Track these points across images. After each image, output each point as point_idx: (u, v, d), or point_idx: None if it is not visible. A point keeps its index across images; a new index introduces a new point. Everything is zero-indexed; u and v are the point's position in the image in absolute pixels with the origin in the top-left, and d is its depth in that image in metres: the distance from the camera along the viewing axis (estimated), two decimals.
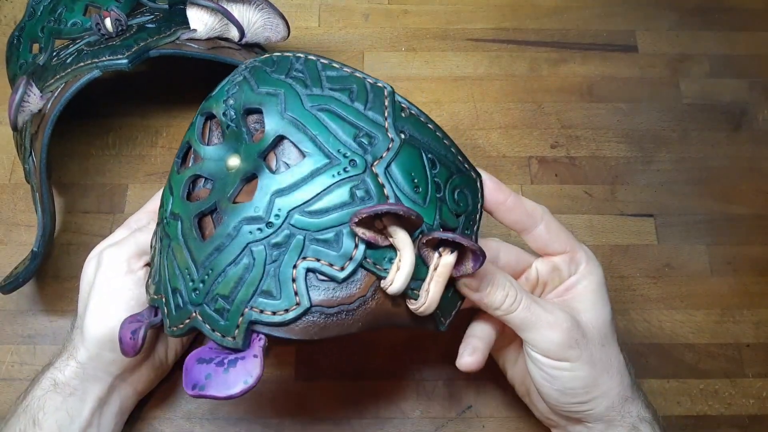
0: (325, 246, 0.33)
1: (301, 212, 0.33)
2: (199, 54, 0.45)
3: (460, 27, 0.60)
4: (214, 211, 0.35)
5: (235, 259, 0.33)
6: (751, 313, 0.50)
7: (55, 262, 0.50)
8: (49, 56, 0.48)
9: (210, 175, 0.36)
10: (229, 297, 0.33)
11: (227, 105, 0.36)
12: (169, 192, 0.37)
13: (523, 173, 0.54)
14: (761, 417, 0.47)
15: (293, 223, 0.33)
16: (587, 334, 0.38)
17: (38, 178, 0.43)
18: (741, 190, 0.54)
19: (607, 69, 0.58)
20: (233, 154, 0.36)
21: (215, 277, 0.33)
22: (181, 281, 0.34)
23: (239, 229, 0.33)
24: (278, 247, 0.33)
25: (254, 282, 0.33)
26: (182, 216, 0.36)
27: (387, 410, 0.47)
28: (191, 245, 0.34)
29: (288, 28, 0.50)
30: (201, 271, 0.34)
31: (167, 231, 0.36)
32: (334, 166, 0.34)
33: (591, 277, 0.39)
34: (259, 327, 0.33)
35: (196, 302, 0.34)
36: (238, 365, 0.32)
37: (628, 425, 0.38)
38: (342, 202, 0.33)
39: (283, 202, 0.33)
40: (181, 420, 0.46)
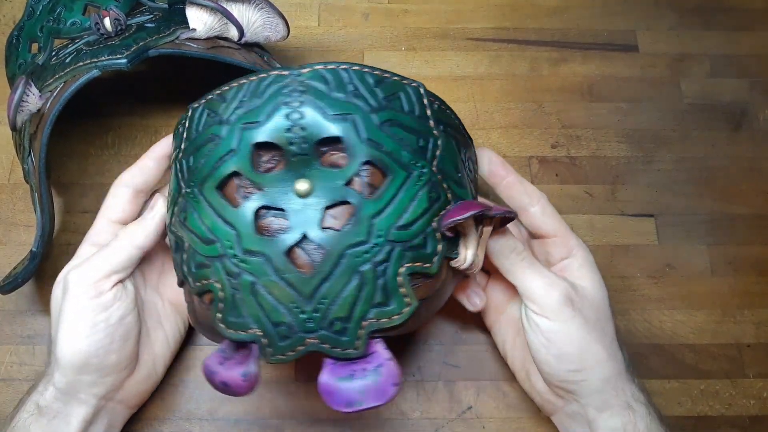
0: (417, 250, 0.35)
1: (396, 228, 0.35)
2: (198, 53, 0.45)
3: (460, 26, 0.60)
4: (299, 243, 0.35)
5: (346, 283, 0.34)
6: (752, 314, 0.50)
7: (55, 262, 0.50)
8: (48, 56, 0.48)
9: (276, 204, 0.35)
10: (348, 317, 0.34)
11: (295, 134, 0.35)
12: (227, 226, 0.35)
13: (524, 173, 0.54)
14: (762, 417, 0.47)
15: (391, 238, 0.35)
16: (583, 302, 0.40)
17: (37, 178, 0.43)
18: (742, 190, 0.54)
19: (607, 69, 0.58)
20: (300, 180, 0.35)
21: (329, 305, 0.34)
22: (287, 315, 0.34)
23: (344, 256, 0.34)
24: (383, 263, 0.35)
25: (369, 298, 0.34)
26: (266, 253, 0.34)
27: (387, 410, 0.46)
28: (293, 280, 0.34)
29: (288, 27, 0.49)
30: (312, 304, 0.34)
31: (245, 268, 0.35)
32: (411, 177, 0.36)
33: (585, 260, 0.42)
34: (376, 334, 0.35)
35: (312, 330, 0.34)
36: (381, 371, 0.34)
37: (622, 403, 0.39)
38: (424, 209, 0.35)
39: (381, 223, 0.35)
40: (180, 420, 0.46)
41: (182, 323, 0.46)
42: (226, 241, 0.35)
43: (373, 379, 0.34)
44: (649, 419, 0.39)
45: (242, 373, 0.34)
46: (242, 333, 0.35)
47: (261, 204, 0.35)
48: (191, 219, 0.36)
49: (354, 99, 0.36)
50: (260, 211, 0.35)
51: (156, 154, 0.42)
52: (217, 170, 0.36)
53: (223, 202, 0.35)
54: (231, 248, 0.35)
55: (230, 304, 0.35)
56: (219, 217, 0.35)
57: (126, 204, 0.42)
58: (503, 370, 0.47)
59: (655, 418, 0.39)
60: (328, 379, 0.34)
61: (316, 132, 0.35)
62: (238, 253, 0.35)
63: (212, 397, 0.47)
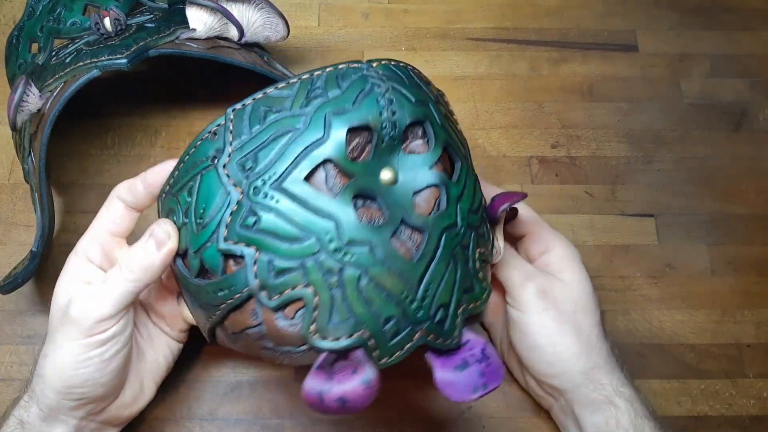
0: (483, 237, 0.37)
1: (471, 212, 0.36)
2: (198, 53, 0.45)
3: (460, 26, 0.60)
4: (398, 229, 0.34)
5: (447, 267, 0.34)
6: (752, 314, 0.50)
7: (55, 262, 0.50)
8: (48, 56, 0.48)
9: (366, 192, 0.34)
10: (448, 303, 0.34)
11: (387, 118, 0.33)
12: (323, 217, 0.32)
13: (524, 173, 0.54)
14: (762, 417, 0.47)
15: (470, 222, 0.35)
16: (558, 295, 0.41)
17: (37, 178, 0.43)
18: (742, 190, 0.54)
19: (607, 69, 0.58)
20: (384, 168, 0.34)
21: (435, 290, 0.33)
22: (397, 307, 0.33)
23: (441, 239, 0.34)
24: (467, 248, 0.35)
25: (461, 283, 0.34)
26: (371, 241, 0.32)
27: (387, 410, 0.46)
28: (401, 268, 0.33)
29: (288, 27, 0.49)
30: (421, 291, 0.33)
31: (349, 261, 0.32)
32: (470, 169, 0.37)
33: (564, 254, 0.43)
34: (467, 322, 0.35)
35: (422, 320, 0.33)
36: (489, 353, 0.34)
37: (603, 398, 0.40)
38: (481, 198, 0.37)
39: (462, 207, 0.35)
40: (181, 420, 0.46)
41: (174, 345, 0.43)
42: (324, 234, 0.32)
43: (486, 362, 0.34)
44: (633, 414, 0.39)
45: (362, 380, 0.32)
46: (345, 340, 0.32)
47: (355, 192, 0.33)
48: (264, 219, 0.32)
49: (422, 89, 0.36)
50: (356, 198, 0.33)
51: (148, 181, 0.39)
52: (304, 160, 0.33)
53: (316, 193, 0.32)
54: (331, 241, 0.32)
55: (328, 308, 0.32)
56: (311, 209, 0.32)
57: (120, 217, 0.39)
58: None
59: (641, 414, 0.39)
60: (443, 372, 0.34)
61: (405, 116, 0.34)
62: (339, 245, 0.32)
63: (212, 397, 0.47)
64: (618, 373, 0.41)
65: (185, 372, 0.47)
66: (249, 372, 0.47)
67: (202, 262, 0.34)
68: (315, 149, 0.33)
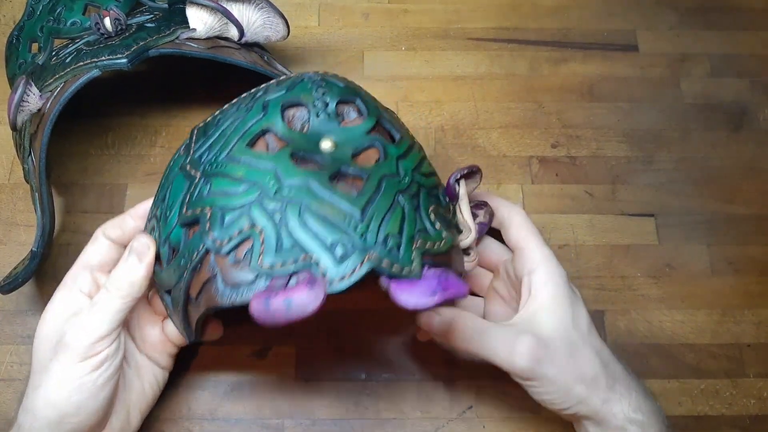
0: (438, 199, 0.40)
1: (418, 173, 0.39)
2: (198, 53, 0.45)
3: (460, 26, 0.60)
4: (337, 175, 0.37)
5: (390, 205, 0.37)
6: (752, 313, 0.50)
7: (55, 262, 0.50)
8: (49, 56, 0.48)
9: (306, 153, 0.37)
10: (399, 233, 0.36)
11: (317, 97, 0.39)
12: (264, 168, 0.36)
13: (524, 173, 0.54)
14: (762, 417, 0.47)
15: (416, 180, 0.39)
16: (551, 347, 0.39)
17: (37, 177, 0.43)
18: (742, 190, 0.54)
19: (607, 69, 0.58)
20: (324, 138, 0.38)
21: (380, 221, 0.36)
22: (339, 234, 0.35)
23: (383, 182, 0.37)
24: (415, 198, 0.38)
25: (413, 222, 0.37)
26: (307, 182, 0.36)
27: (387, 410, 0.46)
28: (344, 200, 0.36)
29: (288, 27, 0.49)
30: (365, 219, 0.36)
31: (291, 197, 0.35)
32: (416, 146, 0.41)
33: (548, 286, 0.40)
34: (426, 258, 0.36)
35: (369, 245, 0.35)
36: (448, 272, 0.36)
37: (615, 428, 0.39)
38: (430, 171, 0.41)
39: (405, 164, 0.39)
40: (180, 420, 0.46)
41: (160, 374, 0.43)
42: (266, 179, 0.36)
43: (444, 276, 0.36)
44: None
45: (306, 285, 0.33)
46: (292, 265, 0.34)
47: (293, 151, 0.37)
48: (215, 183, 0.37)
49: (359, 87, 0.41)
50: (294, 157, 0.37)
51: (138, 213, 0.41)
52: (247, 132, 0.38)
53: (257, 152, 0.37)
54: (273, 184, 0.36)
55: (274, 239, 0.35)
56: (252, 166, 0.37)
57: (105, 253, 0.40)
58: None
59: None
60: (399, 287, 0.35)
61: (334, 95, 0.39)
62: (279, 186, 0.36)
63: (212, 397, 0.47)
64: (631, 397, 0.39)
65: (185, 372, 0.47)
66: (249, 372, 0.47)
67: (169, 245, 0.38)
68: (255, 124, 0.38)
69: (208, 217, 0.36)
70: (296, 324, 0.33)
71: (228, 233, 0.36)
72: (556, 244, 0.51)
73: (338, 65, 0.57)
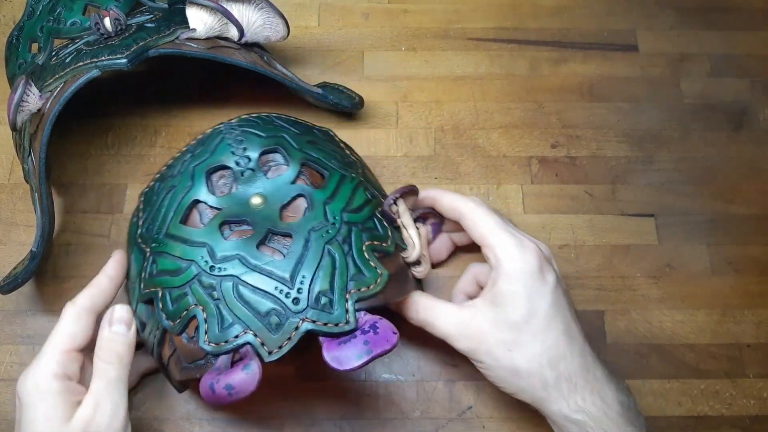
0: (372, 231, 0.41)
1: (347, 211, 0.41)
2: (198, 53, 0.45)
3: (460, 26, 0.60)
4: (266, 238, 0.39)
5: (319, 261, 0.38)
6: (752, 313, 0.50)
7: (55, 262, 0.50)
8: (48, 56, 0.48)
9: (237, 217, 0.40)
10: (331, 289, 0.38)
11: (240, 154, 0.42)
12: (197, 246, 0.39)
13: (524, 173, 0.54)
14: (762, 417, 0.47)
15: (347, 220, 0.40)
16: (488, 340, 0.40)
17: (37, 178, 0.43)
18: (742, 190, 0.54)
19: (607, 68, 0.58)
20: (254, 195, 0.41)
21: (310, 281, 0.38)
22: (272, 302, 0.37)
23: (310, 237, 0.39)
24: (347, 241, 0.39)
25: (344, 271, 0.38)
26: (240, 253, 0.38)
27: (387, 410, 0.46)
28: (271, 266, 0.38)
29: (288, 27, 0.49)
30: (295, 283, 0.38)
31: (224, 273, 0.38)
32: (347, 178, 0.43)
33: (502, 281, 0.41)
34: (360, 304, 0.38)
35: (301, 309, 0.37)
36: (378, 324, 0.37)
37: (553, 423, 0.40)
38: (365, 199, 0.42)
39: (334, 207, 0.41)
40: (180, 420, 0.46)
41: None
42: (200, 258, 0.39)
43: (374, 331, 0.37)
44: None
45: (244, 369, 0.35)
46: (233, 341, 0.37)
47: (223, 219, 0.40)
48: (160, 263, 0.40)
49: (281, 126, 0.44)
50: (224, 226, 0.40)
51: (109, 272, 0.41)
52: (179, 207, 0.41)
53: (190, 229, 0.40)
54: (206, 262, 0.38)
55: (215, 317, 0.37)
56: (187, 243, 0.39)
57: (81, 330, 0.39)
58: None
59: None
60: (329, 347, 0.37)
61: (256, 147, 0.42)
62: (214, 263, 0.38)
63: None
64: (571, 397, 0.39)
65: None
66: None
67: (139, 318, 0.41)
68: (185, 196, 0.41)
69: (160, 297, 0.39)
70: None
71: (177, 314, 0.38)
72: (556, 244, 0.51)
73: (338, 65, 0.57)
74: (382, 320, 0.37)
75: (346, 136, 0.54)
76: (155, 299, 0.39)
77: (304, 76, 0.55)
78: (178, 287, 0.38)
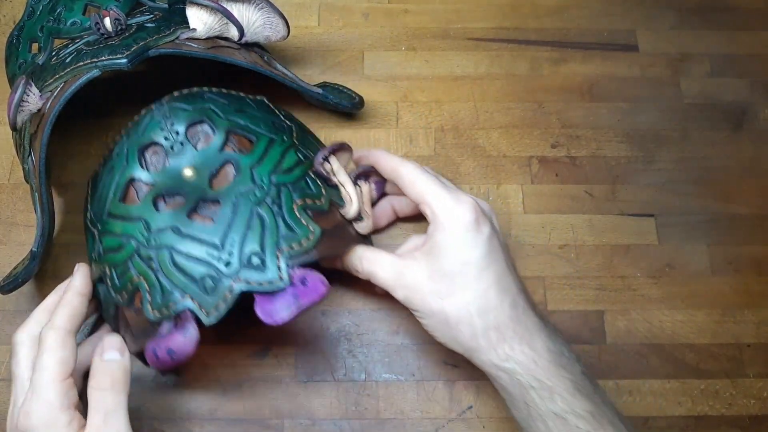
0: (304, 190, 0.43)
1: (277, 173, 0.42)
2: (198, 53, 0.45)
3: (460, 26, 0.60)
4: (196, 207, 0.41)
5: (248, 223, 0.40)
6: (752, 313, 0.50)
7: (55, 262, 0.50)
8: (48, 56, 0.48)
9: (170, 190, 0.42)
10: (262, 250, 0.40)
11: (168, 129, 0.43)
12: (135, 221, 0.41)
13: (524, 173, 0.54)
14: (762, 417, 0.47)
15: (276, 182, 0.42)
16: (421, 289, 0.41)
17: (37, 178, 0.43)
18: (742, 190, 0.54)
19: (607, 68, 0.58)
20: (185, 167, 0.42)
21: (241, 243, 0.40)
22: (205, 267, 0.39)
23: (238, 202, 0.41)
24: (276, 201, 0.41)
25: (274, 231, 0.40)
26: (173, 224, 0.41)
27: (387, 410, 0.46)
28: (202, 233, 0.40)
29: (288, 27, 0.49)
30: (226, 247, 0.40)
31: (160, 244, 0.40)
32: (276, 142, 0.44)
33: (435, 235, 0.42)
34: (293, 261, 0.40)
35: (235, 271, 0.39)
36: (308, 277, 0.39)
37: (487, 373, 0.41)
38: (296, 161, 0.44)
39: (261, 170, 0.42)
40: (180, 420, 0.46)
41: None
42: (137, 233, 0.41)
43: (302, 284, 0.39)
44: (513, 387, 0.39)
45: (182, 333, 0.38)
46: (173, 306, 0.39)
47: (157, 194, 0.42)
48: (105, 242, 0.42)
49: (209, 98, 0.44)
50: (159, 200, 0.42)
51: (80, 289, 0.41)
52: (117, 187, 0.42)
53: (127, 206, 0.42)
54: (143, 235, 0.41)
55: (156, 286, 0.40)
56: (126, 220, 0.41)
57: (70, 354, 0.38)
58: None
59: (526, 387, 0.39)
60: (261, 302, 0.39)
61: (182, 121, 0.43)
62: (150, 236, 0.41)
63: (212, 397, 0.47)
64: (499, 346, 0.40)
65: (185, 372, 0.47)
66: (249, 372, 0.47)
67: (97, 298, 0.43)
68: (122, 176, 0.42)
69: (108, 274, 0.42)
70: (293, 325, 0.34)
71: (123, 288, 0.41)
72: (556, 244, 0.51)
73: (338, 65, 0.57)
74: (311, 273, 0.39)
75: (347, 136, 0.54)
76: (104, 277, 0.42)
77: (304, 76, 0.55)
78: (122, 263, 0.41)
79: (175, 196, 0.42)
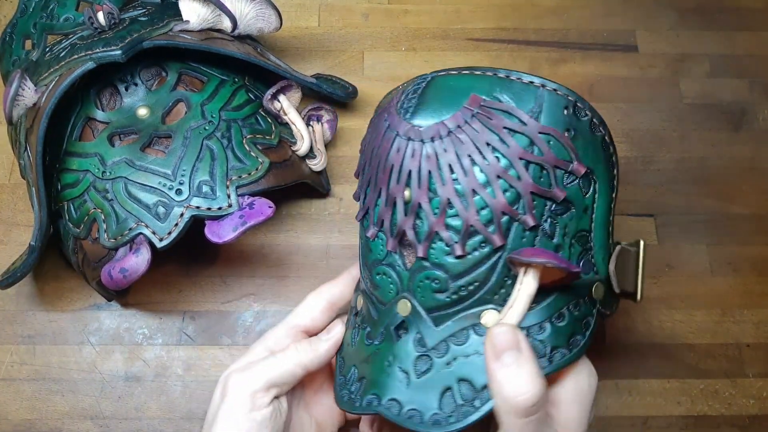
0: (254, 126, 0.46)
1: (227, 110, 0.46)
2: (192, 45, 0.45)
3: (460, 27, 0.60)
4: (150, 142, 0.44)
5: (198, 155, 0.44)
6: (752, 313, 0.50)
7: (55, 261, 0.50)
8: (42, 52, 0.48)
9: (125, 128, 0.45)
10: (212, 178, 0.43)
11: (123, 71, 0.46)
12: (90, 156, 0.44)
13: None
14: (761, 417, 0.47)
15: (225, 117, 0.45)
16: None
17: (34, 172, 0.43)
18: (741, 190, 0.54)
19: (607, 69, 0.58)
20: (139, 106, 0.45)
21: (190, 173, 0.43)
22: (157, 194, 0.43)
23: (188, 134, 0.44)
24: (226, 135, 0.45)
25: (223, 161, 0.44)
26: (127, 156, 0.43)
27: None
28: (155, 164, 0.43)
29: (280, 18, 0.49)
30: (177, 176, 0.43)
31: (114, 175, 0.43)
32: (227, 82, 0.47)
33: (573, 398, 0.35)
34: (242, 189, 0.43)
35: (184, 198, 0.43)
36: (255, 201, 0.43)
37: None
38: (246, 99, 0.47)
39: (212, 106, 0.45)
40: (181, 420, 0.46)
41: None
42: (93, 167, 0.44)
43: (249, 207, 0.42)
44: None
45: (135, 253, 0.41)
46: (128, 233, 0.42)
47: (112, 131, 0.45)
48: (63, 178, 0.45)
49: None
50: (114, 137, 0.45)
51: (354, 273, 0.42)
52: (73, 125, 0.45)
53: (82, 143, 0.45)
54: (98, 169, 0.43)
55: (111, 216, 0.43)
56: (81, 155, 0.44)
57: (318, 313, 0.41)
58: None
59: None
60: (210, 225, 0.42)
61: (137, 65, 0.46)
62: (105, 169, 0.43)
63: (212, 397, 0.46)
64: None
65: (185, 372, 0.47)
66: None
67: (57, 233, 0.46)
68: (77, 117, 0.45)
69: (66, 209, 0.44)
70: None
71: (80, 220, 0.44)
72: None
73: (338, 65, 0.58)
74: (259, 198, 0.43)
75: (347, 137, 0.54)
76: (62, 212, 0.44)
77: None
78: (78, 196, 0.44)
79: (130, 135, 0.45)
